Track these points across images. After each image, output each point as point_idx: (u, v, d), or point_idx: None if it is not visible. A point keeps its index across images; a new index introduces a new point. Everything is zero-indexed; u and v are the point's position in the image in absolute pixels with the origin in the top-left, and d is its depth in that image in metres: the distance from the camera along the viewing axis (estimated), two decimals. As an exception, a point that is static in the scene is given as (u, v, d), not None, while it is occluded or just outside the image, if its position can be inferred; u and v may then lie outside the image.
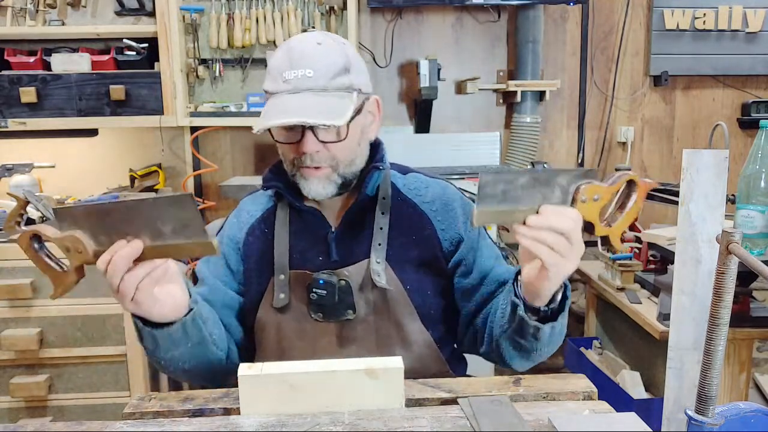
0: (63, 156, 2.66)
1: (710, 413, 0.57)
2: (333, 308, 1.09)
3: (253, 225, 1.18)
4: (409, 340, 1.11)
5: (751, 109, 2.96)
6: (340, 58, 1.04)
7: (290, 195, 1.13)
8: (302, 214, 1.15)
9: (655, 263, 2.20)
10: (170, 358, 1.00)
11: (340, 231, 1.13)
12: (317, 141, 1.04)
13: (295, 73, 1.02)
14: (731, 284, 0.53)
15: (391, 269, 1.10)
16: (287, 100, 1.02)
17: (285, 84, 1.02)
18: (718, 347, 0.55)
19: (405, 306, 1.10)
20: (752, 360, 1.74)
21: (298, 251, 1.13)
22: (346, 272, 1.09)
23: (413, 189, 1.18)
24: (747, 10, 2.88)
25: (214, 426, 0.80)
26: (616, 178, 0.87)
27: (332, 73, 1.03)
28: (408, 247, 1.12)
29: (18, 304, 1.97)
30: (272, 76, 1.05)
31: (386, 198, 1.14)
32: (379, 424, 0.78)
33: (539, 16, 2.81)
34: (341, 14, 2.56)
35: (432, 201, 1.17)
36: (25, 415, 2.04)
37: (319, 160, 1.05)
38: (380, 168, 1.12)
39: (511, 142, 2.89)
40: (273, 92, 1.04)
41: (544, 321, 0.95)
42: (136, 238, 0.82)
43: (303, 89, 1.01)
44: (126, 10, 2.51)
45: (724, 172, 0.80)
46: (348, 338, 1.11)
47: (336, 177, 1.08)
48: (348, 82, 1.04)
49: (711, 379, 0.56)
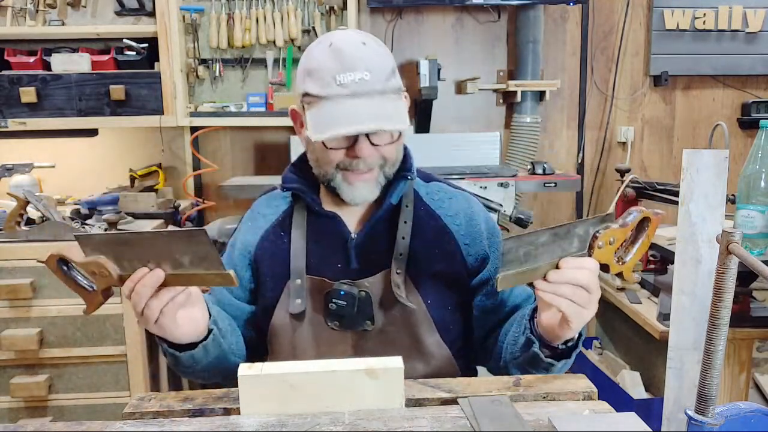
0: (63, 156, 2.66)
1: (710, 413, 0.57)
2: (351, 319, 1.07)
3: (268, 229, 1.15)
4: (426, 353, 1.09)
5: (751, 109, 2.96)
6: (389, 59, 1.02)
7: (310, 197, 1.11)
8: (320, 218, 1.12)
9: (655, 263, 2.20)
10: (191, 372, 1.03)
11: (360, 238, 1.10)
12: (371, 145, 1.01)
13: (351, 77, 0.96)
14: (731, 284, 0.53)
15: (410, 281, 1.08)
16: (349, 105, 0.96)
17: (341, 88, 0.97)
18: (718, 347, 0.55)
19: (424, 320, 1.08)
20: (752, 360, 1.74)
21: (315, 256, 1.11)
22: (367, 283, 1.07)
23: (437, 200, 1.16)
24: (747, 10, 2.88)
25: (214, 426, 0.80)
26: (630, 218, 0.88)
27: (386, 75, 1.00)
28: (430, 260, 1.10)
29: (18, 304, 1.97)
30: (321, 80, 0.98)
31: (409, 206, 1.12)
32: (379, 424, 0.78)
33: (539, 16, 2.81)
34: (341, 14, 2.56)
35: (455, 215, 1.14)
36: (25, 415, 2.04)
37: (371, 164, 1.03)
38: (408, 178, 1.10)
39: (511, 142, 2.89)
40: (326, 96, 0.98)
41: (558, 357, 0.96)
42: (157, 266, 0.85)
43: (362, 93, 0.97)
44: (126, 10, 2.51)
45: (724, 172, 0.80)
46: (364, 348, 1.09)
47: (381, 178, 1.07)
48: (398, 84, 1.03)
49: (711, 379, 0.56)
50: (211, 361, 1.01)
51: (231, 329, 1.08)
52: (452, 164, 2.54)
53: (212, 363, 1.02)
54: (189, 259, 0.83)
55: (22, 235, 1.99)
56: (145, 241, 0.84)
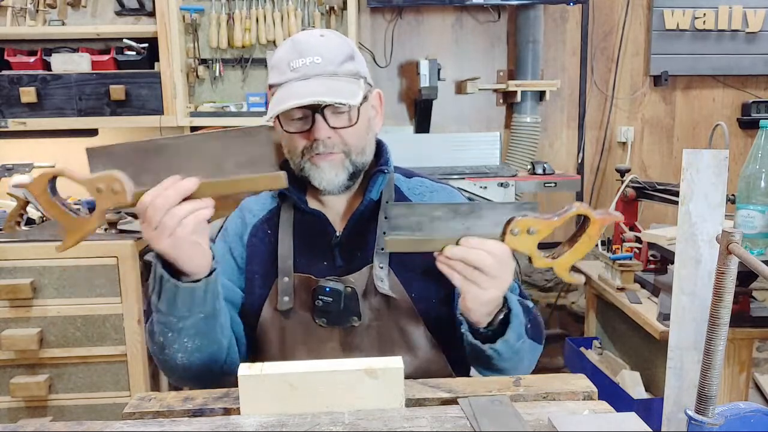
0: (63, 156, 2.66)
1: (710, 413, 0.57)
2: (338, 315, 1.08)
3: (257, 225, 1.16)
4: (413, 346, 1.10)
5: (751, 109, 2.96)
6: (345, 46, 1.06)
7: (296, 195, 1.12)
8: (306, 216, 1.13)
9: (655, 263, 2.20)
10: (179, 330, 0.95)
11: (344, 236, 1.11)
12: (329, 127, 1.03)
13: (303, 61, 1.01)
14: (731, 284, 0.53)
15: (395, 275, 1.09)
16: (298, 86, 1.00)
17: (293, 72, 1.01)
18: (718, 347, 0.55)
19: (409, 312, 1.09)
20: (752, 360, 1.74)
21: (302, 254, 1.12)
22: (352, 279, 1.08)
23: (418, 194, 1.17)
24: (747, 10, 2.88)
25: (214, 426, 0.80)
26: (563, 211, 0.86)
27: (340, 59, 1.03)
28: (413, 253, 1.12)
29: (18, 304, 1.96)
30: (278, 68, 1.04)
31: (390, 202, 1.12)
32: (379, 424, 0.78)
33: (539, 16, 2.81)
34: (341, 14, 2.56)
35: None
36: (25, 415, 2.04)
37: (331, 146, 1.04)
38: (385, 171, 1.12)
39: (511, 142, 2.89)
40: (280, 83, 1.03)
41: (484, 340, 0.96)
42: (189, 176, 0.77)
43: (312, 75, 1.01)
44: (126, 10, 2.51)
45: (724, 172, 0.80)
46: (352, 344, 1.10)
47: (348, 164, 1.07)
48: (355, 68, 1.05)
49: (711, 379, 0.56)
50: (202, 319, 0.95)
51: (224, 299, 1.04)
52: (452, 164, 2.54)
53: (201, 326, 0.96)
54: (236, 161, 0.74)
55: (22, 235, 1.99)
56: (182, 148, 0.74)
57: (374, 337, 1.09)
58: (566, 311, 3.13)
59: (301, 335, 1.10)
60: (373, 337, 1.09)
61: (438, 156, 2.57)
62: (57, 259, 1.95)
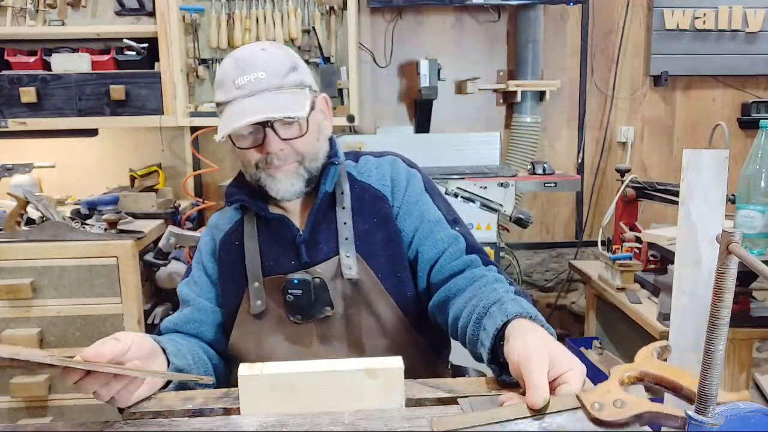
0: (63, 156, 2.66)
1: (710, 413, 0.57)
2: (310, 307, 1.10)
3: (224, 239, 1.19)
4: (387, 328, 1.12)
5: (751, 109, 2.96)
6: (287, 58, 1.08)
7: (255, 205, 1.15)
8: (269, 222, 1.16)
9: (655, 263, 2.20)
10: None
11: (307, 233, 1.13)
12: (280, 139, 1.05)
13: (247, 77, 1.03)
14: (731, 284, 0.53)
15: (362, 260, 1.11)
16: (245, 103, 1.03)
17: (239, 90, 1.04)
18: (718, 347, 0.55)
19: (379, 294, 1.11)
20: (752, 360, 1.75)
21: (270, 259, 1.14)
22: (319, 269, 1.11)
23: (364, 172, 1.19)
24: (747, 10, 2.88)
25: (214, 426, 0.80)
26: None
27: (283, 72, 1.05)
28: (372, 231, 1.14)
29: (18, 304, 1.96)
30: (224, 87, 1.06)
31: (344, 193, 1.15)
32: (379, 424, 0.78)
33: (539, 16, 2.81)
34: (341, 14, 2.56)
35: (383, 177, 1.18)
36: (25, 415, 2.04)
37: (284, 158, 1.07)
38: (335, 163, 1.14)
39: (511, 142, 2.89)
40: (227, 101, 1.05)
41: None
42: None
43: (258, 91, 1.03)
44: (126, 10, 2.51)
45: (724, 172, 0.80)
46: (328, 335, 1.12)
47: (303, 171, 1.10)
48: (299, 79, 1.08)
49: (711, 379, 0.56)
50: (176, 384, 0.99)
51: (191, 358, 1.07)
52: (452, 164, 2.54)
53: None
54: None
55: (22, 235, 1.99)
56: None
57: (350, 326, 1.12)
58: (566, 311, 3.13)
59: (277, 335, 1.13)
60: (348, 326, 1.12)
61: (438, 156, 2.57)
62: (57, 259, 1.95)
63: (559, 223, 3.08)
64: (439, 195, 1.21)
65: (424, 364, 1.13)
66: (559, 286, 3.10)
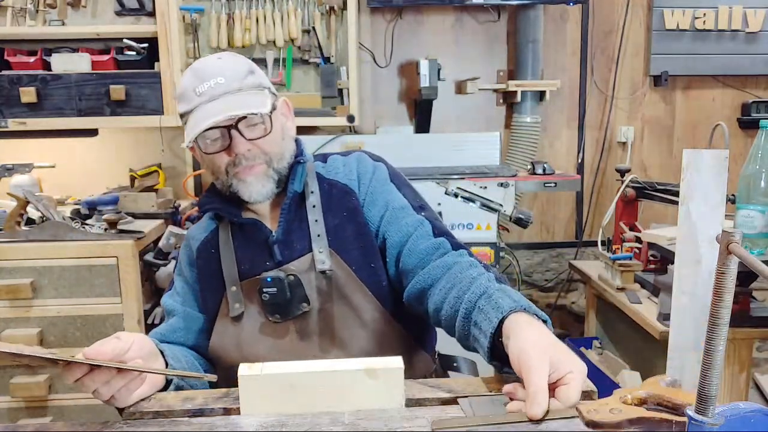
0: (63, 156, 2.66)
1: (710, 413, 0.57)
2: (287, 305, 1.11)
3: (200, 248, 1.21)
4: (366, 320, 1.13)
5: (751, 109, 2.96)
6: (244, 63, 1.12)
7: (228, 212, 1.17)
8: (243, 227, 1.17)
9: (655, 263, 2.20)
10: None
11: (280, 233, 1.15)
12: (246, 140, 1.08)
13: (207, 84, 1.06)
14: (731, 284, 0.53)
15: (335, 254, 1.13)
16: (208, 108, 1.05)
17: (200, 97, 1.07)
18: (718, 347, 0.55)
19: (355, 285, 1.12)
20: (752, 360, 1.75)
21: (245, 262, 1.16)
22: (293, 267, 1.12)
23: (332, 170, 1.21)
24: (747, 10, 2.88)
25: (214, 426, 0.80)
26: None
27: (241, 75, 1.09)
28: (343, 225, 1.15)
29: (18, 304, 1.96)
30: (185, 98, 1.09)
31: (314, 192, 1.16)
32: (379, 424, 0.78)
33: (539, 16, 2.81)
34: (341, 14, 2.56)
35: (350, 172, 1.20)
36: (25, 415, 2.04)
37: (252, 158, 1.09)
38: (301, 162, 1.16)
39: (511, 142, 2.89)
40: (190, 109, 1.08)
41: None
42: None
43: (219, 95, 1.06)
44: (126, 10, 2.51)
45: (724, 171, 0.80)
46: (307, 330, 1.13)
47: (272, 172, 1.12)
48: (257, 81, 1.11)
49: (711, 379, 0.56)
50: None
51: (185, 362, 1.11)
52: (452, 164, 2.54)
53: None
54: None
55: (22, 235, 1.99)
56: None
57: (328, 320, 1.13)
58: (566, 311, 3.13)
59: (256, 335, 1.14)
60: (326, 321, 1.13)
61: (438, 156, 2.57)
62: (57, 259, 1.95)
63: (559, 223, 3.08)
64: (407, 185, 1.22)
65: (406, 353, 1.12)
66: (559, 286, 3.10)
